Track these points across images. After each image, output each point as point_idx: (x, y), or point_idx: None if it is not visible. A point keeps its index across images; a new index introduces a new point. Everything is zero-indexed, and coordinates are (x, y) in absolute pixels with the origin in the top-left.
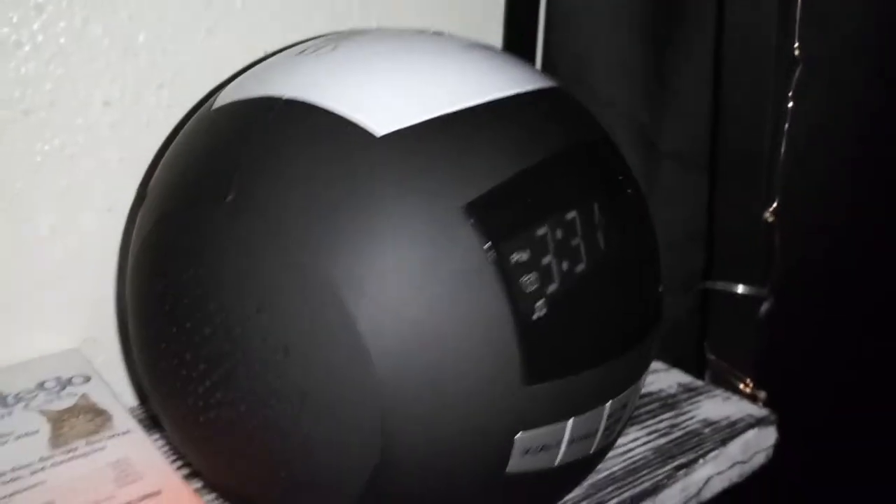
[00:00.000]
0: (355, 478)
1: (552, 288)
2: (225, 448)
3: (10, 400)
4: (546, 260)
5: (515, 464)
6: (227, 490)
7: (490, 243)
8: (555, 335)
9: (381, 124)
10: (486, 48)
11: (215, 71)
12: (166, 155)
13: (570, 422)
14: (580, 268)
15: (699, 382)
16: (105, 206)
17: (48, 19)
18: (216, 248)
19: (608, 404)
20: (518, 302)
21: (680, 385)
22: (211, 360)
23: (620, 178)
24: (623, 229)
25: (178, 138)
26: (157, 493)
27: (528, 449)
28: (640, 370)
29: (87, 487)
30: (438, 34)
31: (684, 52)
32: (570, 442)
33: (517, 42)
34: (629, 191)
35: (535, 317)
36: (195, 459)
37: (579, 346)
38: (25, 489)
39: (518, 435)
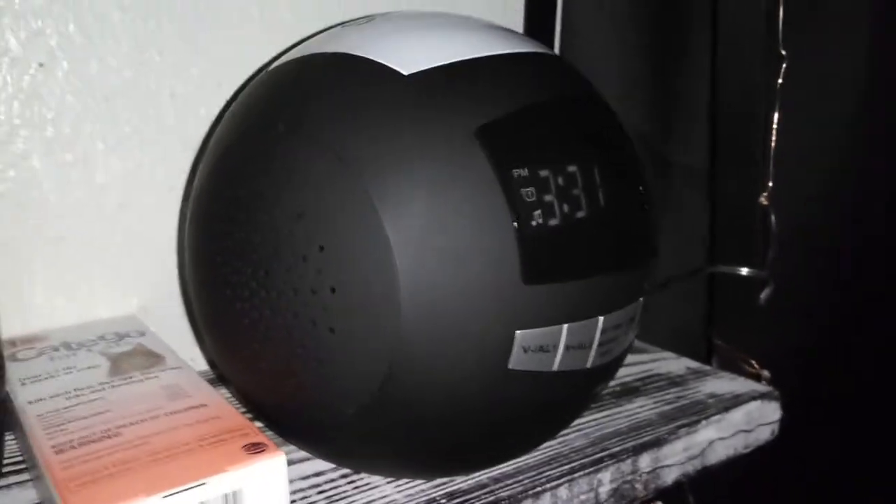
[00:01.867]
0: (375, 369)
1: (546, 205)
2: (265, 348)
3: (74, 345)
4: (545, 181)
5: (516, 360)
6: (264, 406)
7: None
8: (551, 241)
9: (407, 67)
10: (505, 29)
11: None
12: (227, 112)
13: (566, 327)
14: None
15: (707, 367)
16: (167, 185)
17: (127, 19)
18: (267, 169)
19: (601, 318)
20: (518, 209)
21: (688, 369)
22: (259, 263)
23: (614, 135)
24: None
25: (237, 99)
26: (202, 406)
27: (528, 347)
28: (632, 295)
29: (140, 401)
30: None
31: (684, 61)
32: (567, 348)
33: None
34: (625, 144)
35: (533, 223)
36: (238, 374)
37: (572, 257)
38: (85, 402)
39: (518, 332)
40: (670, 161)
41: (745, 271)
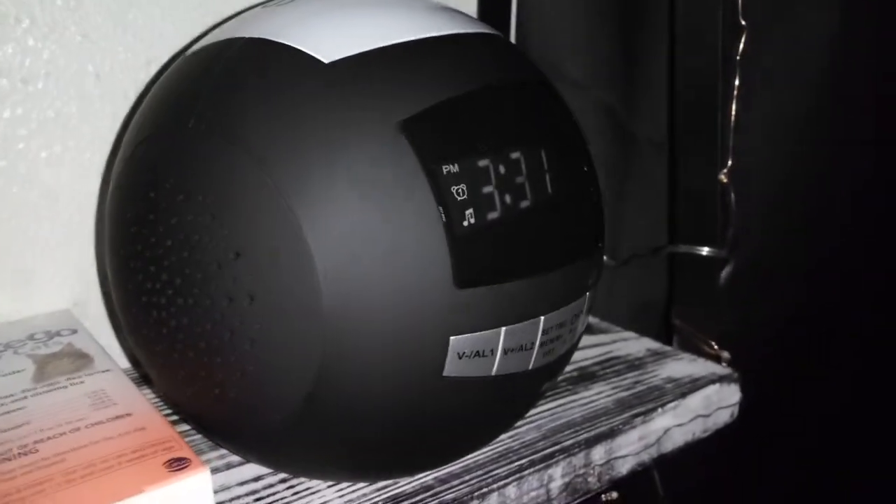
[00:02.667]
0: (301, 379)
1: (481, 201)
2: (185, 357)
3: (1, 346)
4: (485, 171)
5: (452, 367)
6: (190, 411)
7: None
8: (484, 242)
9: (328, 53)
10: (446, 8)
11: None
12: (142, 103)
13: (503, 330)
14: (517, 187)
15: (667, 348)
16: (97, 172)
17: None
18: (178, 169)
19: (542, 318)
20: (448, 208)
21: (648, 350)
22: (172, 270)
23: (560, 118)
24: (564, 167)
25: (151, 88)
26: (128, 415)
27: (463, 353)
28: (577, 290)
29: (63, 411)
30: None
31: (652, 34)
32: (505, 352)
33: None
34: (571, 132)
35: (465, 223)
36: (161, 381)
37: (511, 255)
38: (5, 413)
39: (452, 338)
40: (635, 135)
41: (704, 251)
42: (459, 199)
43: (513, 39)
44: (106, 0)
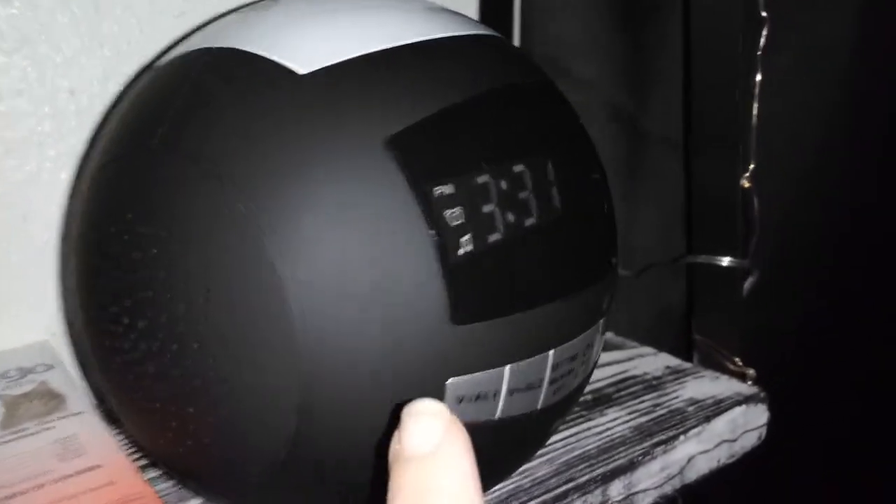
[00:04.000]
0: (280, 429)
1: (480, 223)
2: (156, 406)
3: None
4: (483, 189)
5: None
6: (163, 459)
7: (413, 180)
8: (484, 270)
9: (305, 64)
10: (440, 9)
11: None
12: (106, 121)
13: (507, 368)
14: (521, 204)
15: (687, 365)
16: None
17: (18, 12)
18: (140, 196)
19: (551, 353)
20: (442, 235)
21: (667, 368)
22: (135, 311)
23: (567, 124)
24: (570, 184)
25: (115, 105)
26: (97, 467)
27: (462, 397)
28: (588, 320)
29: (30, 462)
30: None
31: (661, 29)
32: (511, 392)
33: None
34: (579, 139)
35: (460, 251)
36: (132, 426)
37: (512, 284)
38: None
39: (450, 380)
40: (648, 133)
41: (725, 262)
42: (455, 223)
43: (516, 37)
44: (78, 13)
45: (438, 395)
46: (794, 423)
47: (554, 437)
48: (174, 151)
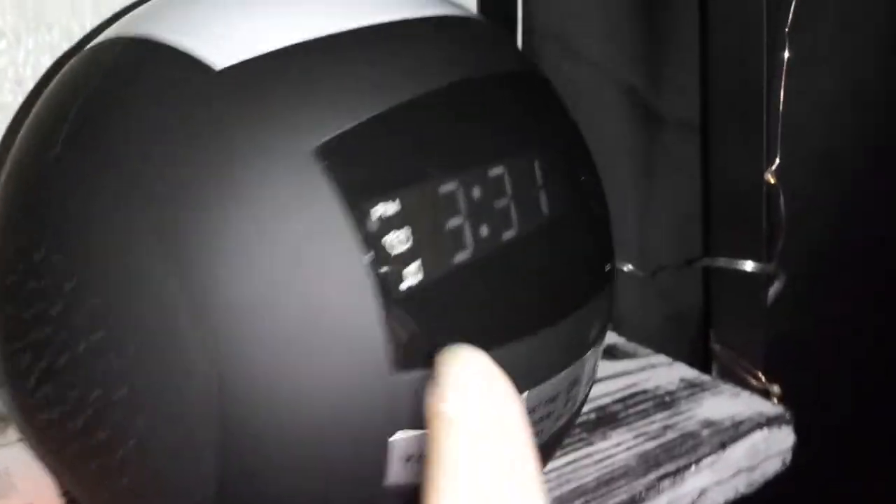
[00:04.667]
0: (198, 495)
1: (437, 244)
2: (62, 456)
3: None
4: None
5: (397, 475)
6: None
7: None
8: (435, 306)
9: (222, 56)
10: None
11: None
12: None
13: None
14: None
15: (705, 377)
16: None
17: None
18: (36, 212)
19: (524, 396)
20: (381, 264)
21: (682, 381)
22: (34, 351)
23: (557, 121)
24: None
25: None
26: None
27: (410, 456)
28: (573, 351)
29: None
30: None
31: (677, 7)
32: None
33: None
34: (569, 134)
35: (404, 285)
36: (50, 469)
37: (471, 322)
38: None
39: (395, 436)
40: (663, 118)
41: (748, 266)
42: (398, 249)
43: (519, 13)
44: None
45: (380, 453)
46: (821, 447)
47: (548, 465)
48: (73, 161)
